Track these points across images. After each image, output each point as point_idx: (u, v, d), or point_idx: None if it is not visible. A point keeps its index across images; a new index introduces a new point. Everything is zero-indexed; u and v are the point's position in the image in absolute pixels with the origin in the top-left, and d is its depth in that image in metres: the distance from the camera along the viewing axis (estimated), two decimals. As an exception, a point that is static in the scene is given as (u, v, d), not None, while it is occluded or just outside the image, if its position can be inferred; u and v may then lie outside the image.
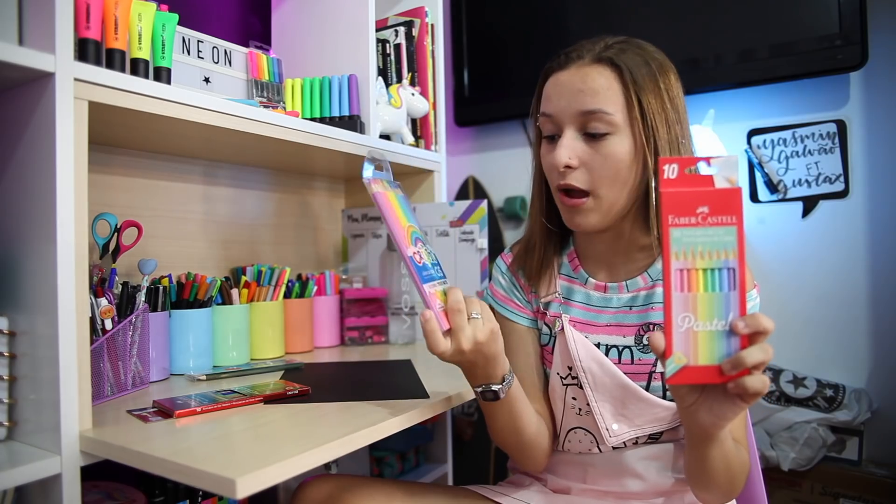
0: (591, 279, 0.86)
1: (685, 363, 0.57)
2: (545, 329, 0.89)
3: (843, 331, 1.54)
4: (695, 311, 0.57)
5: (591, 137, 0.77)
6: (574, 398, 0.84)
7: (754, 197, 1.64)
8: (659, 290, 0.81)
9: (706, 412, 0.63)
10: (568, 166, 0.77)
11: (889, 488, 1.35)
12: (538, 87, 0.85)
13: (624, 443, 0.84)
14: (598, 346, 0.83)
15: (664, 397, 0.80)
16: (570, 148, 0.77)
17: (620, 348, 0.82)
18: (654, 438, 0.84)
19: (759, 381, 0.56)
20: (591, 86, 0.76)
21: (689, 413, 0.65)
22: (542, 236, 0.88)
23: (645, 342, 0.81)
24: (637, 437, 0.82)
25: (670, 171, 0.57)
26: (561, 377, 0.85)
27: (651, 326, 0.81)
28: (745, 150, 1.64)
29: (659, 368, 0.80)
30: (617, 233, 0.83)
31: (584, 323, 0.85)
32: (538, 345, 0.90)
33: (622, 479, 0.85)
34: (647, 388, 0.81)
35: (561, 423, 0.88)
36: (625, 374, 0.80)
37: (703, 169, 0.57)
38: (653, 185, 0.77)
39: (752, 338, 0.57)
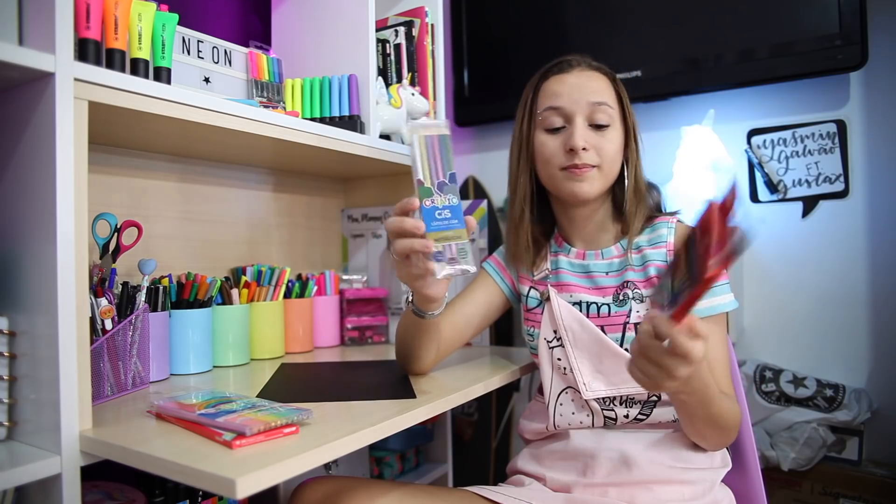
0: (572, 248, 1.01)
1: None
2: (534, 294, 1.02)
3: (843, 331, 1.54)
4: None
5: (597, 128, 0.93)
6: (559, 359, 0.95)
7: (754, 197, 1.64)
8: (632, 255, 0.95)
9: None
10: (584, 148, 0.92)
11: (889, 488, 1.35)
12: (533, 88, 1.00)
13: (615, 417, 0.90)
14: (579, 303, 0.96)
15: None
16: (583, 133, 0.92)
17: (599, 304, 0.95)
18: (644, 415, 0.89)
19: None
20: (597, 84, 0.94)
21: None
22: (529, 231, 1.01)
23: (621, 297, 0.93)
24: (613, 396, 0.89)
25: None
26: (548, 341, 0.97)
27: (626, 283, 0.94)
28: (745, 150, 1.64)
29: (632, 319, 0.91)
30: (594, 209, 0.98)
31: (571, 284, 0.98)
32: (491, 301, 1.08)
33: (620, 469, 0.86)
34: (621, 341, 0.91)
35: (551, 390, 0.95)
36: (601, 326, 0.93)
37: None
38: (627, 180, 0.96)
39: None
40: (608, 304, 0.94)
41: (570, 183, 0.93)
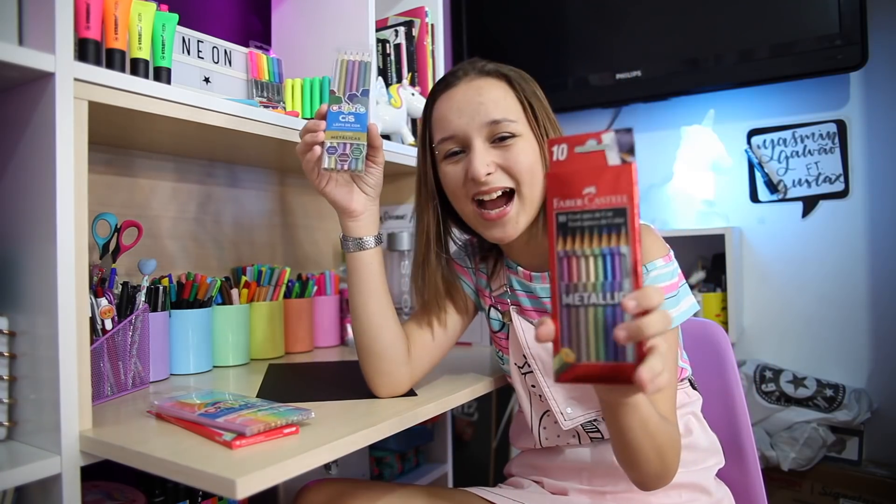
0: (519, 267, 0.90)
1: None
2: (495, 314, 0.94)
3: (843, 331, 1.54)
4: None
5: (500, 141, 0.80)
6: (533, 386, 0.89)
7: (754, 197, 1.64)
8: None
9: (605, 391, 0.60)
10: (488, 173, 0.79)
11: (889, 488, 1.35)
12: (424, 116, 0.88)
13: (601, 436, 0.86)
14: None
15: None
16: (484, 157, 0.79)
17: None
18: None
19: (655, 367, 0.49)
20: (489, 96, 0.80)
21: (594, 389, 0.61)
22: (439, 275, 0.90)
23: None
24: (594, 419, 0.85)
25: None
26: (518, 367, 0.90)
27: None
28: (745, 150, 1.64)
29: None
30: (528, 236, 0.85)
31: (528, 309, 0.90)
32: (461, 308, 0.94)
33: (616, 478, 0.86)
34: None
35: (531, 414, 0.91)
36: None
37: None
38: None
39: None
40: None
41: (490, 230, 0.82)
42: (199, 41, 1.10)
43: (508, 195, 0.80)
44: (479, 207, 0.81)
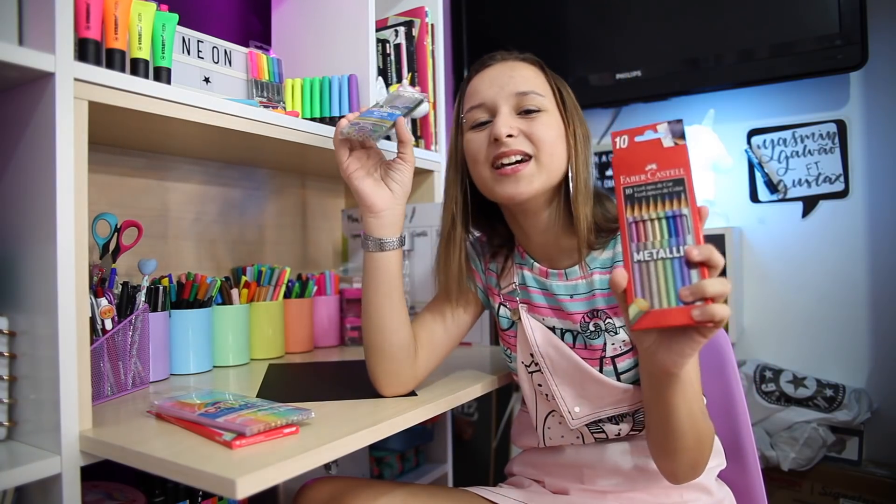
0: (535, 264, 0.89)
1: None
2: (504, 312, 0.93)
3: (843, 331, 1.54)
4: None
5: (526, 114, 0.82)
6: (539, 384, 0.89)
7: (754, 197, 1.64)
8: (597, 277, 0.84)
9: (665, 351, 0.61)
10: (509, 135, 0.80)
11: (889, 488, 1.35)
12: (459, 94, 0.91)
13: (606, 437, 0.86)
14: (552, 329, 0.88)
15: (618, 380, 0.83)
16: (508, 120, 0.81)
17: (575, 333, 0.86)
18: (637, 431, 0.86)
19: (722, 310, 0.55)
20: (521, 73, 0.84)
21: (648, 354, 0.63)
22: (461, 252, 0.90)
23: (592, 328, 0.84)
24: (600, 419, 0.84)
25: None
26: (525, 366, 0.90)
27: (596, 313, 0.84)
28: (745, 150, 1.64)
29: (609, 353, 0.83)
30: (544, 217, 0.85)
31: (541, 307, 0.89)
32: (471, 301, 0.96)
33: (617, 478, 0.86)
34: (600, 372, 0.84)
35: (536, 413, 0.91)
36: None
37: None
38: (570, 174, 0.83)
39: (707, 271, 0.57)
40: (581, 334, 0.85)
41: (503, 185, 0.81)
42: (199, 41, 1.10)
43: (526, 161, 0.81)
44: (496, 169, 0.82)
